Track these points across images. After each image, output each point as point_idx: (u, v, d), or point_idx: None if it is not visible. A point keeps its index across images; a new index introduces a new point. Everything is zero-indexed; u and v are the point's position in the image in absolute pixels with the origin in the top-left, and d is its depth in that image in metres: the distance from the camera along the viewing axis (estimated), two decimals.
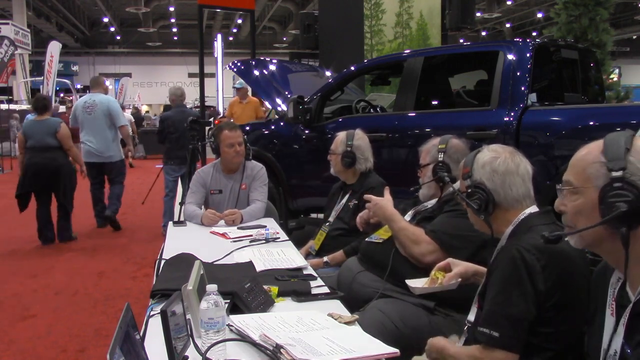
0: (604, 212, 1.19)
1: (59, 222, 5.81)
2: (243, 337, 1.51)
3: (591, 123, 3.45)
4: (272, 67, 5.75)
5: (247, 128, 5.25)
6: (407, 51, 4.98)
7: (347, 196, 3.11)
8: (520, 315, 1.47)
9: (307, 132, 4.74)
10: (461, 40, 22.27)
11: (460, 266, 1.80)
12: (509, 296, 1.48)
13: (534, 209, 1.68)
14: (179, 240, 2.77)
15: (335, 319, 1.66)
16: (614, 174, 1.18)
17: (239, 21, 28.76)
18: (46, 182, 5.54)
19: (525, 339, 1.49)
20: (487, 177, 1.67)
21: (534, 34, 25.57)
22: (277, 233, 2.87)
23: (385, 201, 2.41)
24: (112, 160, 6.21)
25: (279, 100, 5.15)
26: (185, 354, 1.37)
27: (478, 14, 23.37)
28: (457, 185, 1.96)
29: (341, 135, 3.16)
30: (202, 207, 3.47)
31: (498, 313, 1.50)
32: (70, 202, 5.79)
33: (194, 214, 3.26)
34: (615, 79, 7.76)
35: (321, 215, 3.64)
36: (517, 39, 4.15)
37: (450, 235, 2.16)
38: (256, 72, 5.53)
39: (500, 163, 1.68)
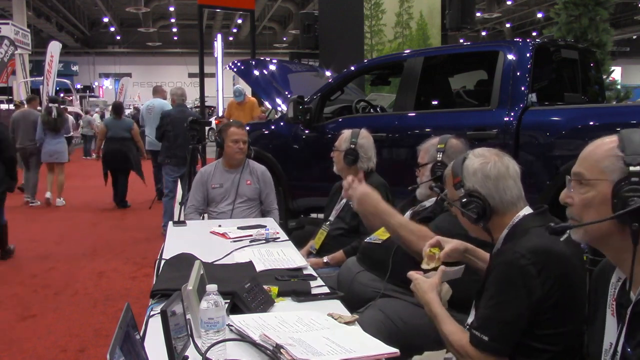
0: (616, 207, 1.19)
1: (119, 194, 8.01)
2: (243, 337, 1.51)
3: (591, 123, 3.44)
4: (272, 67, 5.75)
5: (247, 128, 5.24)
6: (407, 51, 4.97)
7: None
8: (512, 321, 1.48)
9: (307, 132, 4.73)
10: (461, 40, 22.28)
11: (451, 243, 1.80)
12: (502, 301, 1.50)
13: (527, 210, 1.66)
14: (179, 240, 2.77)
15: (335, 319, 1.66)
16: (632, 168, 1.18)
17: (239, 21, 28.78)
18: (119, 161, 7.78)
19: (515, 343, 1.50)
20: (480, 184, 1.65)
21: (534, 34, 25.56)
22: (277, 233, 2.87)
23: (375, 193, 2.21)
24: None
25: (279, 100, 5.15)
26: (185, 354, 1.37)
27: (478, 14, 23.40)
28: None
29: (346, 132, 3.14)
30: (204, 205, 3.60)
31: (490, 317, 1.51)
32: (127, 179, 7.98)
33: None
34: (612, 79, 7.77)
35: (321, 215, 3.64)
36: (517, 39, 4.14)
37: (459, 235, 2.04)
38: (256, 72, 5.53)
39: (491, 167, 1.66)
